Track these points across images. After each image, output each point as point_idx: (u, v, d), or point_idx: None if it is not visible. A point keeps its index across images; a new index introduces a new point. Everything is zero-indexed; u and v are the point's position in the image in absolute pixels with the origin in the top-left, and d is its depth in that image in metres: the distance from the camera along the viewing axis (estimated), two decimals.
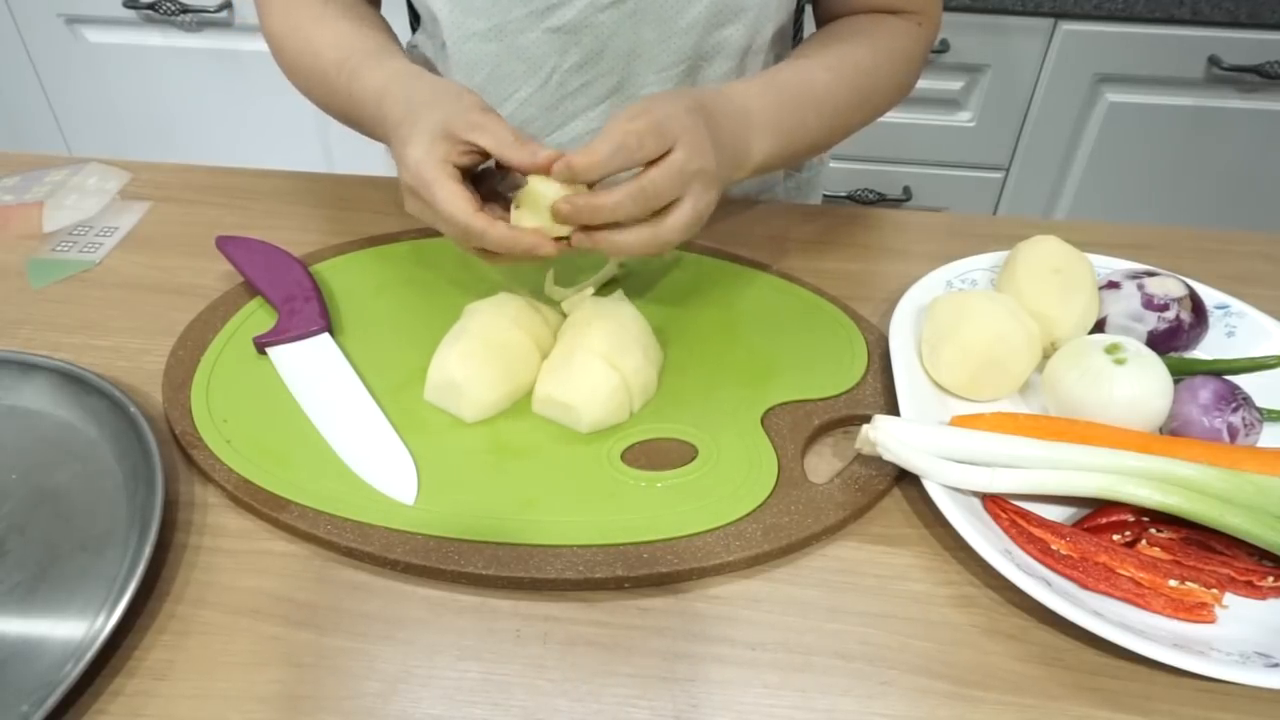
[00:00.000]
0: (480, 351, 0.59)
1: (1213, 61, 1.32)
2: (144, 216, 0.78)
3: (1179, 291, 0.63)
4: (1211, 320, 0.65)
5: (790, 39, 0.83)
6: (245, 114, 1.57)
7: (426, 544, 0.51)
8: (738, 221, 0.78)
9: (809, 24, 0.87)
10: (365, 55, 0.67)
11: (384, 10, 0.81)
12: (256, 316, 0.66)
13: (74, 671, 0.44)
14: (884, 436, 0.54)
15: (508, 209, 0.59)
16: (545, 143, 0.77)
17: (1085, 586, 0.50)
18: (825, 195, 1.51)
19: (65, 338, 0.66)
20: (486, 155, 0.58)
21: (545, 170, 0.56)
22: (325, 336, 0.64)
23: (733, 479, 0.55)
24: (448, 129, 0.57)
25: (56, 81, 1.61)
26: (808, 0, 0.81)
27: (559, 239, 0.57)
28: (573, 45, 0.71)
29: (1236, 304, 0.66)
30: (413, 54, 0.85)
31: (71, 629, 0.48)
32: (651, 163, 0.56)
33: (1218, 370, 0.62)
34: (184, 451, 0.57)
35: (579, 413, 0.57)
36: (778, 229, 0.77)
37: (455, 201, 0.56)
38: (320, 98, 0.71)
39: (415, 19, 0.88)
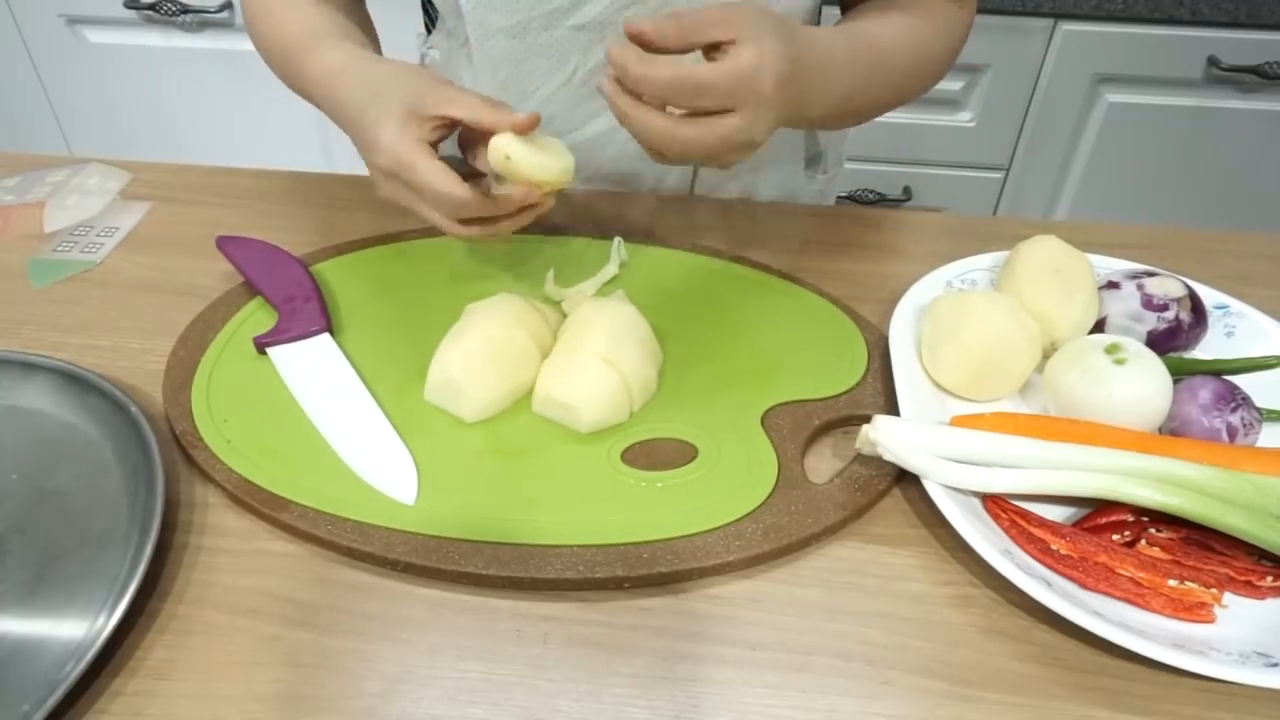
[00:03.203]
0: (480, 351, 0.59)
1: (1212, 62, 1.32)
2: (144, 216, 0.78)
3: (1178, 291, 0.63)
4: (1211, 320, 0.65)
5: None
6: (245, 114, 1.57)
7: (427, 544, 0.51)
8: (738, 222, 0.78)
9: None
10: (326, 36, 0.67)
11: (399, 11, 0.81)
12: (256, 316, 0.66)
13: (75, 671, 0.45)
14: (884, 436, 0.54)
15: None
16: (566, 142, 0.77)
17: (1085, 586, 0.50)
18: None
19: (66, 338, 0.66)
20: (452, 128, 0.58)
21: (524, 130, 0.55)
22: (325, 336, 0.64)
23: (733, 479, 0.55)
24: (416, 107, 0.57)
25: (57, 82, 1.61)
26: (832, 2, 0.80)
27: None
28: (596, 43, 0.71)
29: (1236, 304, 0.66)
30: (425, 57, 0.85)
31: (72, 629, 0.48)
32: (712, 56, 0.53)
33: (1217, 370, 0.62)
34: (184, 451, 0.57)
35: (579, 413, 0.57)
36: (778, 229, 0.77)
37: (441, 175, 0.56)
38: (284, 76, 0.71)
39: (430, 21, 0.88)
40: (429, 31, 0.88)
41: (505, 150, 0.56)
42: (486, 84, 0.75)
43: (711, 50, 0.54)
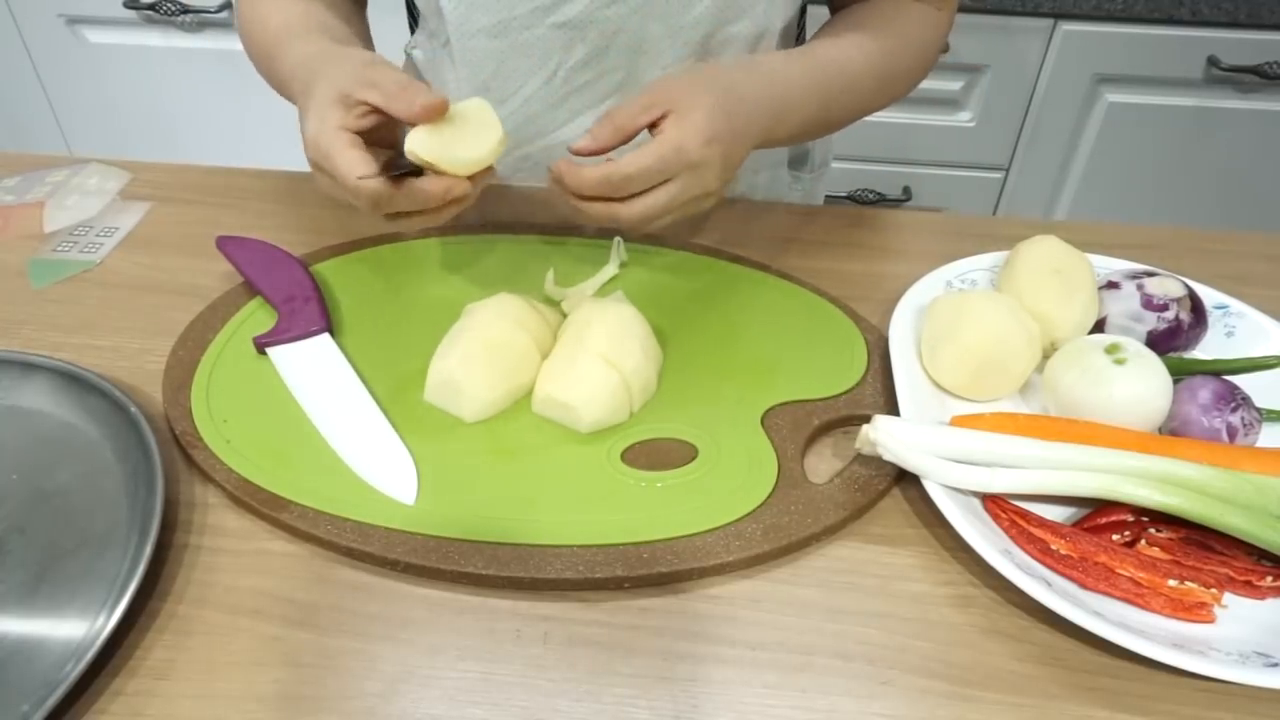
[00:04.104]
0: (480, 351, 0.59)
1: (1212, 62, 1.32)
2: (144, 216, 0.78)
3: (1178, 291, 0.63)
4: (1211, 320, 0.65)
5: (795, 36, 0.83)
6: (245, 114, 1.57)
7: (426, 544, 0.51)
8: (738, 221, 0.78)
9: (811, 23, 0.87)
10: (304, 31, 0.66)
11: (381, 11, 0.81)
12: (256, 316, 0.66)
13: (74, 671, 0.45)
14: (884, 436, 0.54)
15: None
16: (548, 140, 0.77)
17: (1085, 586, 0.50)
18: (825, 195, 1.51)
19: (66, 338, 0.66)
20: (380, 114, 0.56)
21: (425, 119, 0.54)
22: (325, 336, 0.64)
23: (733, 479, 0.55)
24: (341, 93, 0.55)
25: (57, 82, 1.61)
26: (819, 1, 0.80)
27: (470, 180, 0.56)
28: (578, 41, 0.71)
29: (1236, 304, 0.66)
30: (410, 56, 0.85)
31: (72, 629, 0.48)
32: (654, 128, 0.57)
33: (1217, 370, 0.62)
34: (184, 451, 0.57)
35: (579, 413, 0.57)
36: (778, 229, 0.77)
37: (355, 166, 0.53)
38: (266, 75, 0.71)
39: (413, 21, 0.88)
40: (412, 32, 0.88)
41: (409, 145, 0.54)
42: (468, 84, 0.75)
43: (651, 129, 0.58)
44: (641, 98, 0.58)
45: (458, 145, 0.55)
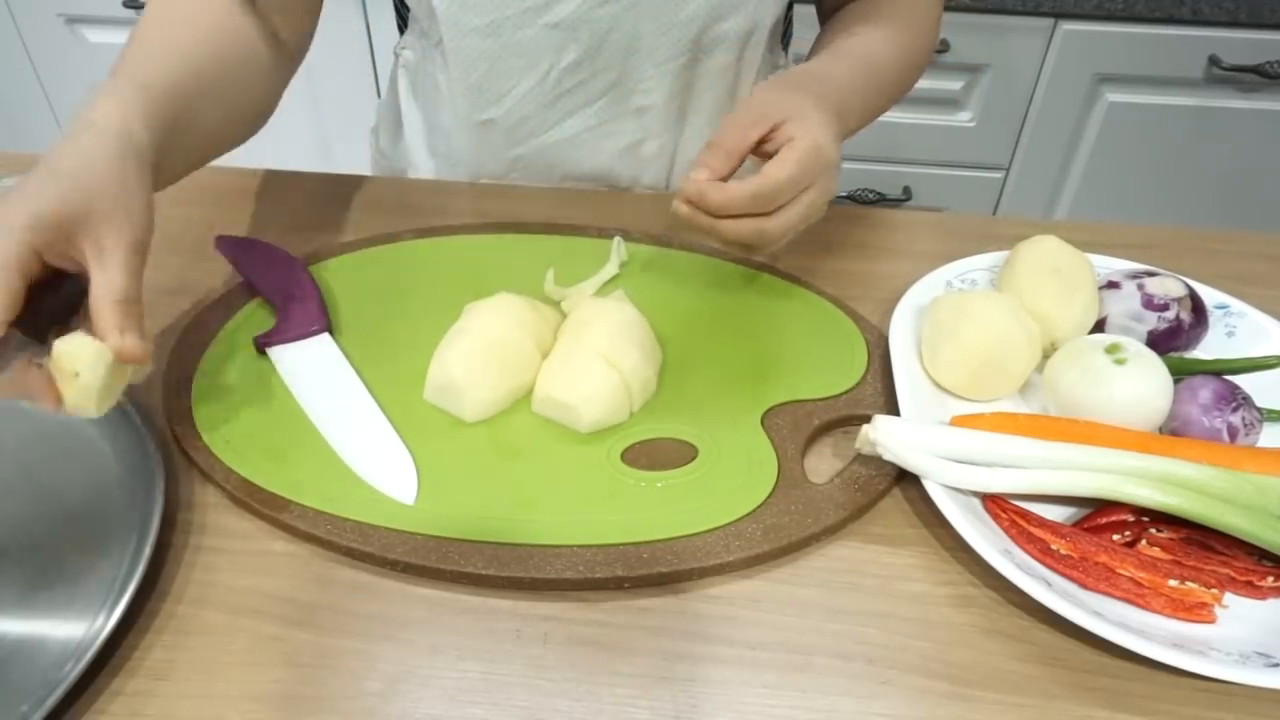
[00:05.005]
0: (480, 351, 0.59)
1: (1213, 61, 1.33)
2: None
3: (1179, 291, 0.63)
4: (1211, 320, 0.65)
5: (781, 33, 0.83)
6: None
7: (426, 544, 0.51)
8: None
9: (797, 20, 0.87)
10: (127, 74, 0.56)
11: (370, 12, 0.80)
12: (256, 316, 0.66)
13: (74, 671, 0.44)
14: (884, 436, 0.54)
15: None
16: (541, 140, 0.77)
17: (1085, 586, 0.50)
18: None
19: None
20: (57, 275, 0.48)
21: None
22: (325, 336, 0.64)
23: (733, 479, 0.55)
24: (89, 226, 0.47)
25: (56, 81, 1.60)
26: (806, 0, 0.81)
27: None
28: (571, 41, 0.71)
29: (1236, 304, 0.66)
30: (402, 57, 0.85)
31: (71, 629, 0.48)
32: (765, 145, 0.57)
33: (1218, 370, 0.62)
34: (184, 451, 0.57)
35: (579, 412, 0.57)
36: None
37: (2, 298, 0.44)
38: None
39: (402, 21, 0.88)
40: (401, 33, 0.88)
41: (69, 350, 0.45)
42: (460, 84, 0.75)
43: (760, 146, 0.58)
44: (740, 117, 0.58)
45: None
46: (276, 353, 0.63)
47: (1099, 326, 0.64)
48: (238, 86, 0.64)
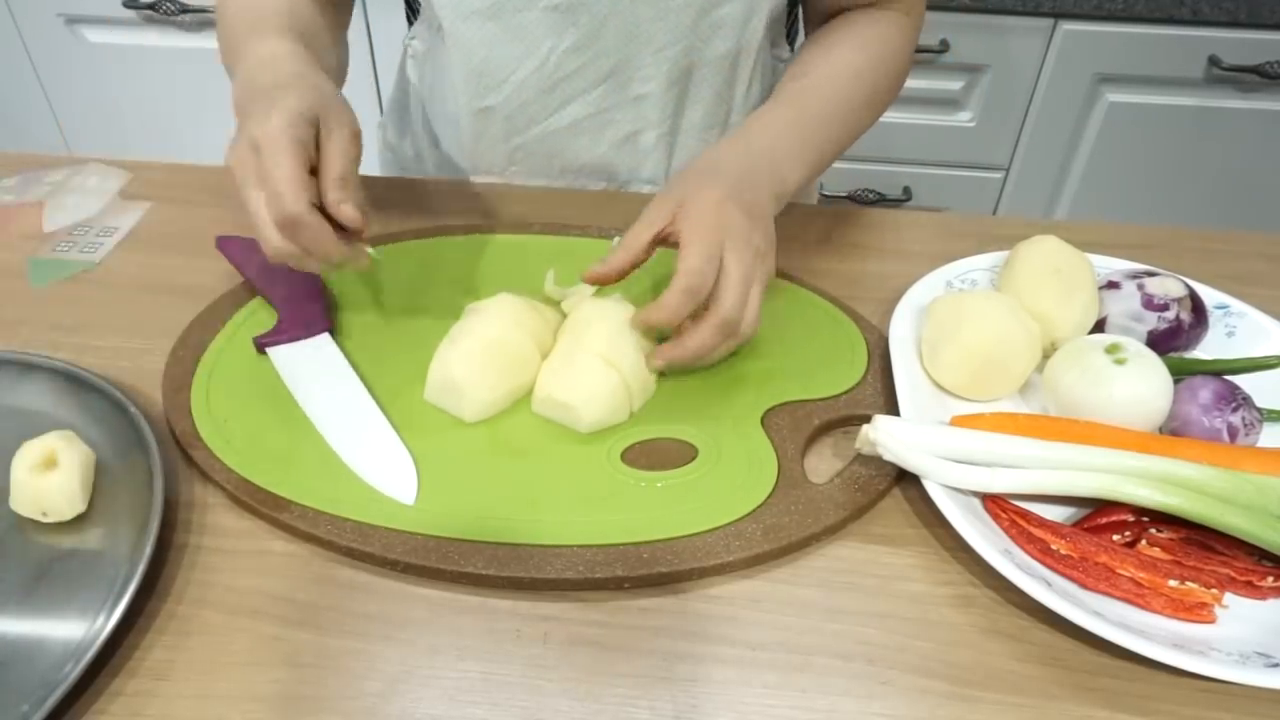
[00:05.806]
0: (480, 351, 0.59)
1: (1213, 61, 1.32)
2: (144, 216, 0.78)
3: (1179, 291, 0.63)
4: (1211, 320, 0.65)
5: (785, 19, 0.83)
6: None
7: (426, 544, 0.51)
8: None
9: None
10: (276, 22, 0.65)
11: (371, 11, 0.81)
12: (256, 316, 0.66)
13: (74, 672, 0.44)
14: (884, 436, 0.54)
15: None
16: (541, 128, 0.77)
17: (1085, 586, 0.50)
18: (825, 195, 1.51)
19: (65, 338, 0.66)
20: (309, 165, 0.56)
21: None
22: (325, 336, 0.64)
23: (733, 479, 0.55)
24: (324, 116, 0.56)
25: (56, 81, 1.60)
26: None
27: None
28: (569, 25, 0.72)
29: (1236, 304, 0.66)
30: (411, 48, 0.85)
31: (71, 629, 0.48)
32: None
33: (1218, 370, 0.62)
34: (184, 451, 0.57)
35: (579, 412, 0.57)
36: (778, 229, 0.77)
37: (293, 172, 0.53)
38: (224, 52, 0.70)
39: (412, 13, 0.88)
40: (410, 24, 0.88)
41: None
42: (460, 70, 0.75)
43: (662, 243, 0.60)
44: (640, 220, 0.60)
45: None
46: (276, 353, 0.63)
47: (1099, 326, 0.64)
48: (324, 40, 0.71)
